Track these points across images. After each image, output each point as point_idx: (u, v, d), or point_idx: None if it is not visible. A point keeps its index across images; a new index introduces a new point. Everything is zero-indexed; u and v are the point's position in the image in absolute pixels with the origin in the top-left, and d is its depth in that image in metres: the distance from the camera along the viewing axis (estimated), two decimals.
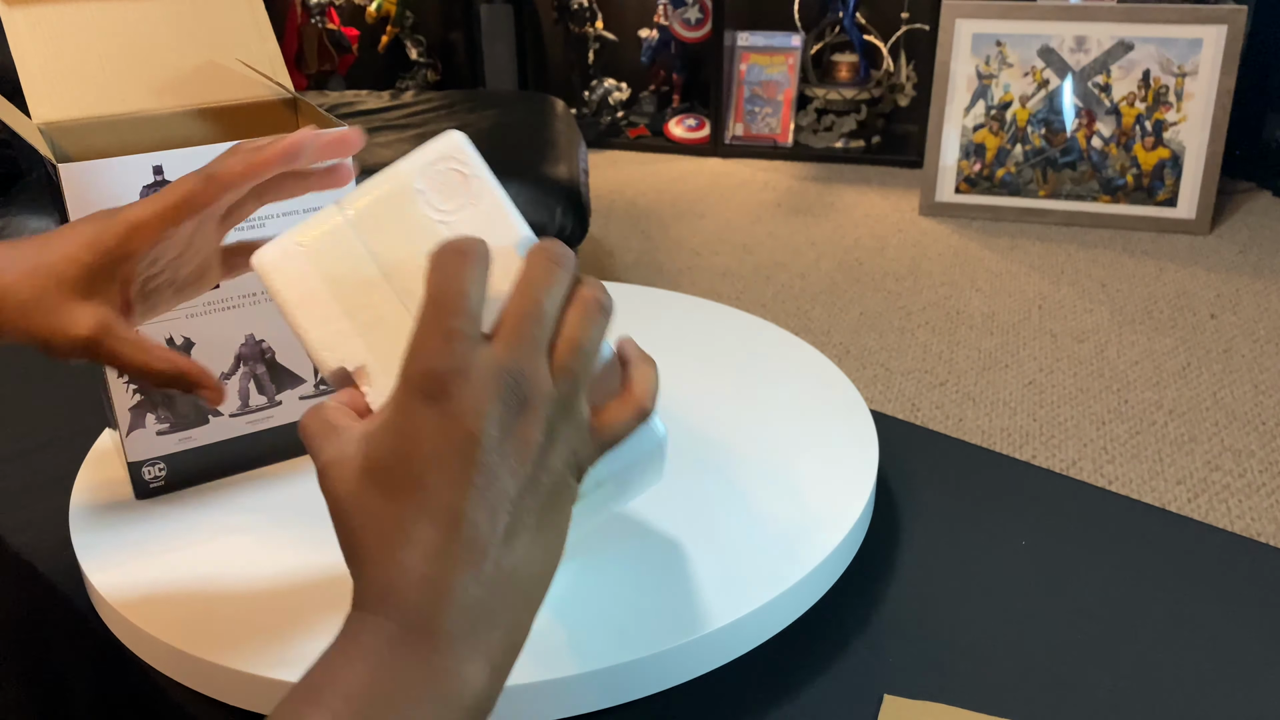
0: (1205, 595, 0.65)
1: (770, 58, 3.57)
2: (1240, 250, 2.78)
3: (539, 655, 0.56)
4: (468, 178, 0.48)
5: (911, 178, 3.33)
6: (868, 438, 0.74)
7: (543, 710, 0.56)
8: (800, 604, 0.62)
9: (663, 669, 0.57)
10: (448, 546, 0.35)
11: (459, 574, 0.35)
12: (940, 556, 0.69)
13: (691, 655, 0.58)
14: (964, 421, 2.05)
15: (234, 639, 0.57)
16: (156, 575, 0.63)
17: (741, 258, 2.79)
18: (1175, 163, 2.88)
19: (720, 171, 3.45)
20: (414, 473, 0.36)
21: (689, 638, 0.57)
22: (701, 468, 0.72)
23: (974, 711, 0.57)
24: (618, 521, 0.66)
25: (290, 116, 0.76)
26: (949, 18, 2.95)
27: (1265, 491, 1.83)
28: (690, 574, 0.62)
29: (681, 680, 0.58)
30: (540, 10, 3.86)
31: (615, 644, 0.57)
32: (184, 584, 0.62)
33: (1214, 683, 0.59)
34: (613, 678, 0.56)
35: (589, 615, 0.59)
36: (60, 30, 0.69)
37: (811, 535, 0.65)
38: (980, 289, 2.60)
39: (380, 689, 0.34)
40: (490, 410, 0.36)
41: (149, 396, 0.68)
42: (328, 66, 3.62)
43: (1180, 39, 2.82)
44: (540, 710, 0.56)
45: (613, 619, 0.59)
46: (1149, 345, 2.32)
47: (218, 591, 0.61)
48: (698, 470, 0.71)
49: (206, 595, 0.61)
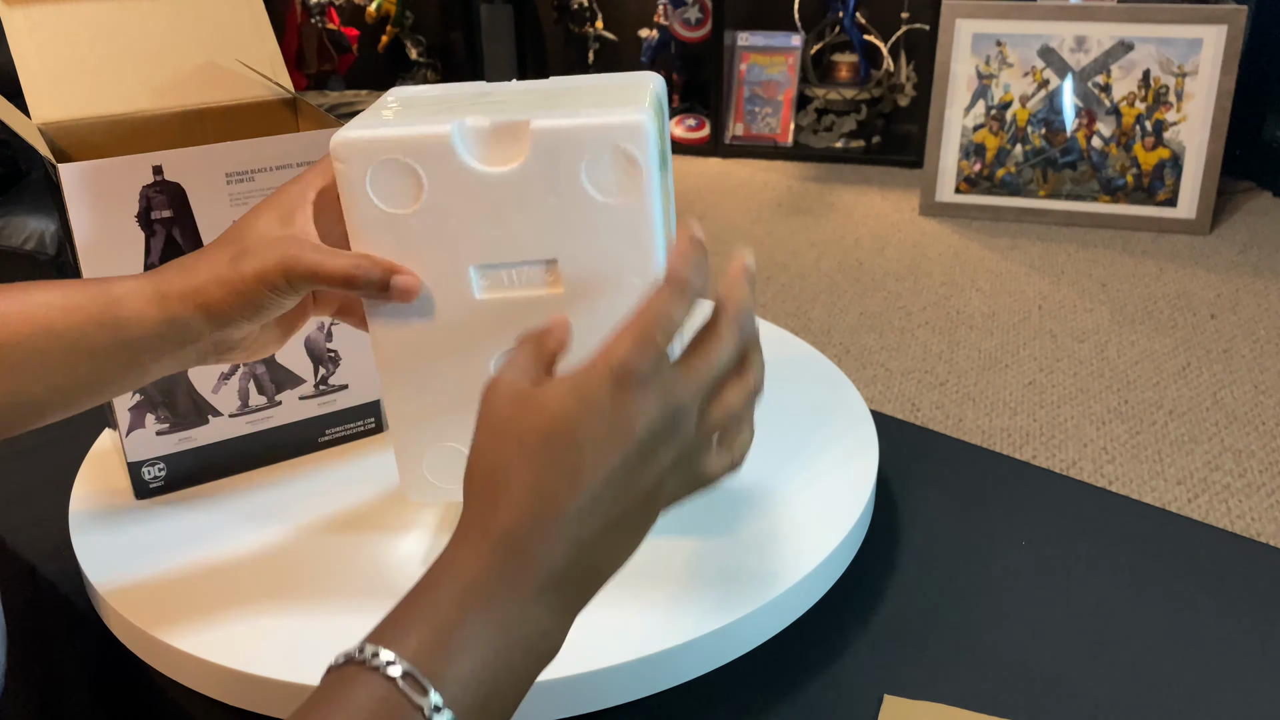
0: (1205, 595, 0.65)
1: (770, 58, 3.56)
2: (1240, 250, 2.78)
3: None
4: (636, 166, 0.51)
5: (911, 178, 3.33)
6: (868, 437, 0.74)
7: (543, 710, 0.56)
8: (800, 604, 0.62)
9: (663, 669, 0.57)
10: (568, 504, 0.41)
11: (568, 531, 0.41)
12: (940, 556, 0.69)
13: (691, 655, 0.58)
14: (964, 421, 2.05)
15: (234, 639, 0.58)
16: (156, 575, 0.63)
17: None
18: (1175, 163, 2.88)
19: (720, 171, 3.45)
20: (576, 438, 0.41)
21: (689, 637, 0.57)
22: None
23: (974, 712, 0.57)
24: None
25: (290, 116, 0.77)
26: (949, 18, 2.95)
27: (1265, 491, 1.83)
28: (690, 574, 0.62)
29: (681, 680, 0.58)
30: (540, 10, 3.86)
31: (615, 644, 0.57)
32: (184, 584, 0.62)
33: (1214, 683, 0.59)
34: (613, 678, 0.56)
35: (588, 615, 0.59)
36: (60, 30, 0.69)
37: (811, 535, 0.65)
38: (980, 289, 2.60)
39: (476, 614, 0.39)
40: (652, 423, 0.42)
41: (148, 396, 0.68)
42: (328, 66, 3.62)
43: (1180, 39, 2.82)
44: (540, 710, 0.56)
45: (612, 619, 0.58)
46: (1149, 345, 2.32)
47: (218, 591, 0.61)
48: None
49: (206, 595, 0.61)
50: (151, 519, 0.68)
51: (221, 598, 0.61)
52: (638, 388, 0.41)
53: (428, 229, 0.53)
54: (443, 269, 0.54)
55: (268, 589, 0.61)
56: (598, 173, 0.52)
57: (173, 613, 0.60)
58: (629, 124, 0.51)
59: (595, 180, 0.52)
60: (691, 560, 0.63)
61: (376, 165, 0.52)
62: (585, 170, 0.52)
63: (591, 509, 0.41)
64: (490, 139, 0.52)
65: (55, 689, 0.71)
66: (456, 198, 0.53)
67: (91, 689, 0.68)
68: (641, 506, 0.43)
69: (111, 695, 0.66)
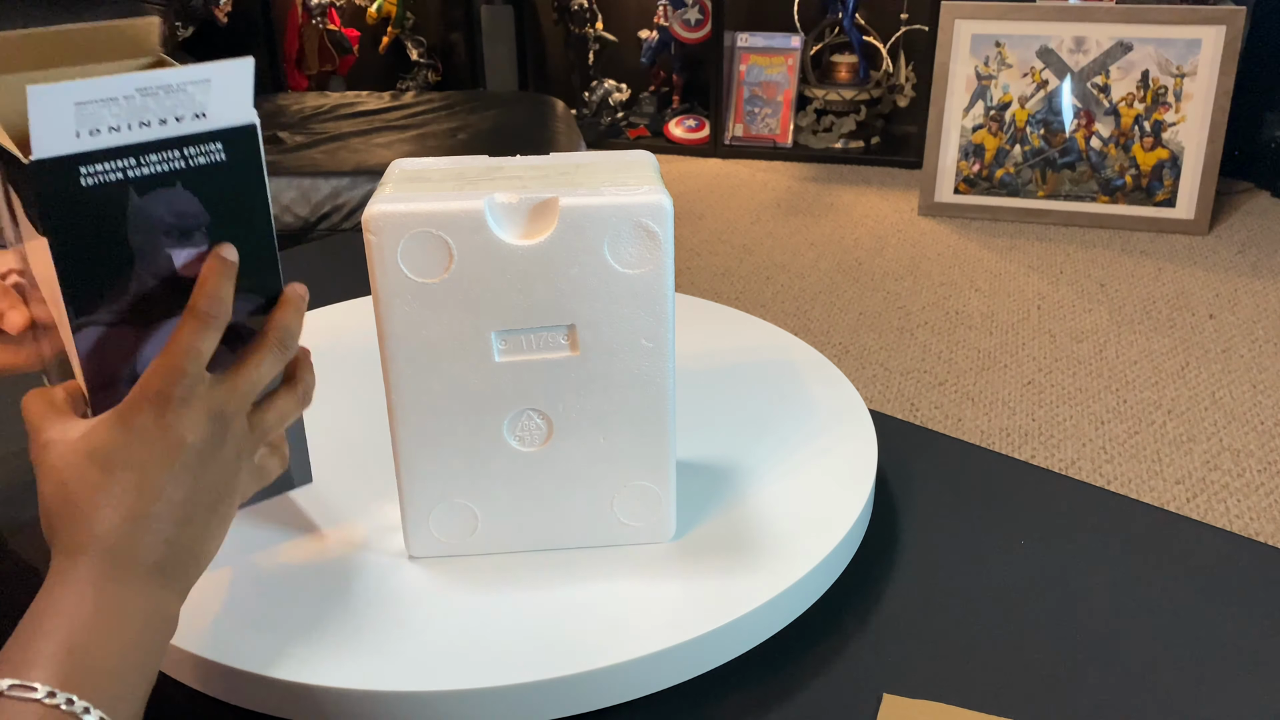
0: (1204, 595, 0.65)
1: (770, 58, 3.57)
2: (1239, 250, 2.79)
3: (538, 655, 0.56)
4: (656, 240, 0.56)
5: (911, 178, 3.33)
6: (867, 438, 0.74)
7: (542, 710, 0.56)
8: (800, 604, 0.63)
9: (663, 668, 0.57)
10: (147, 509, 0.48)
11: (153, 526, 0.48)
12: (939, 556, 0.69)
13: (691, 655, 0.58)
14: (963, 421, 2.05)
15: (234, 638, 0.58)
16: None
17: (741, 258, 2.80)
18: (1174, 163, 2.88)
19: (720, 172, 3.45)
20: (132, 458, 0.48)
21: (689, 637, 0.57)
22: (701, 467, 0.72)
23: (973, 711, 0.57)
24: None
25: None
26: (948, 18, 2.95)
27: (1264, 491, 1.83)
28: (690, 574, 0.62)
29: (682, 679, 0.58)
30: (540, 11, 3.86)
31: (615, 643, 0.57)
32: None
33: (1213, 682, 0.59)
34: (613, 677, 0.56)
35: (588, 615, 0.59)
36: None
37: (811, 535, 0.65)
38: (979, 289, 2.60)
39: (95, 611, 0.45)
40: (201, 430, 0.50)
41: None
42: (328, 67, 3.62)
43: (1179, 39, 2.82)
44: (540, 710, 0.56)
45: (612, 618, 0.59)
46: (1148, 345, 2.32)
47: (217, 591, 0.61)
48: (697, 470, 0.71)
49: (206, 595, 0.61)
50: None
51: (220, 596, 0.61)
52: (179, 406, 0.49)
53: (454, 297, 0.57)
54: (465, 334, 0.57)
55: (268, 589, 0.61)
56: (619, 246, 0.56)
57: None
58: (651, 203, 0.55)
59: (616, 253, 0.56)
60: (691, 560, 0.63)
61: (409, 237, 0.55)
62: (608, 243, 0.56)
63: (169, 510, 0.48)
64: (519, 214, 0.56)
65: None
66: (484, 268, 0.56)
67: None
68: (218, 499, 0.51)
69: None
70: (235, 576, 0.63)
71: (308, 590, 0.61)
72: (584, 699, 0.56)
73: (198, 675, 0.58)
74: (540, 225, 0.56)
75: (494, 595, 0.60)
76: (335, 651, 0.57)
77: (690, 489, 0.69)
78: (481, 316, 0.57)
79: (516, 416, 0.60)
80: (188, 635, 0.58)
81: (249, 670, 0.56)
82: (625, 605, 0.60)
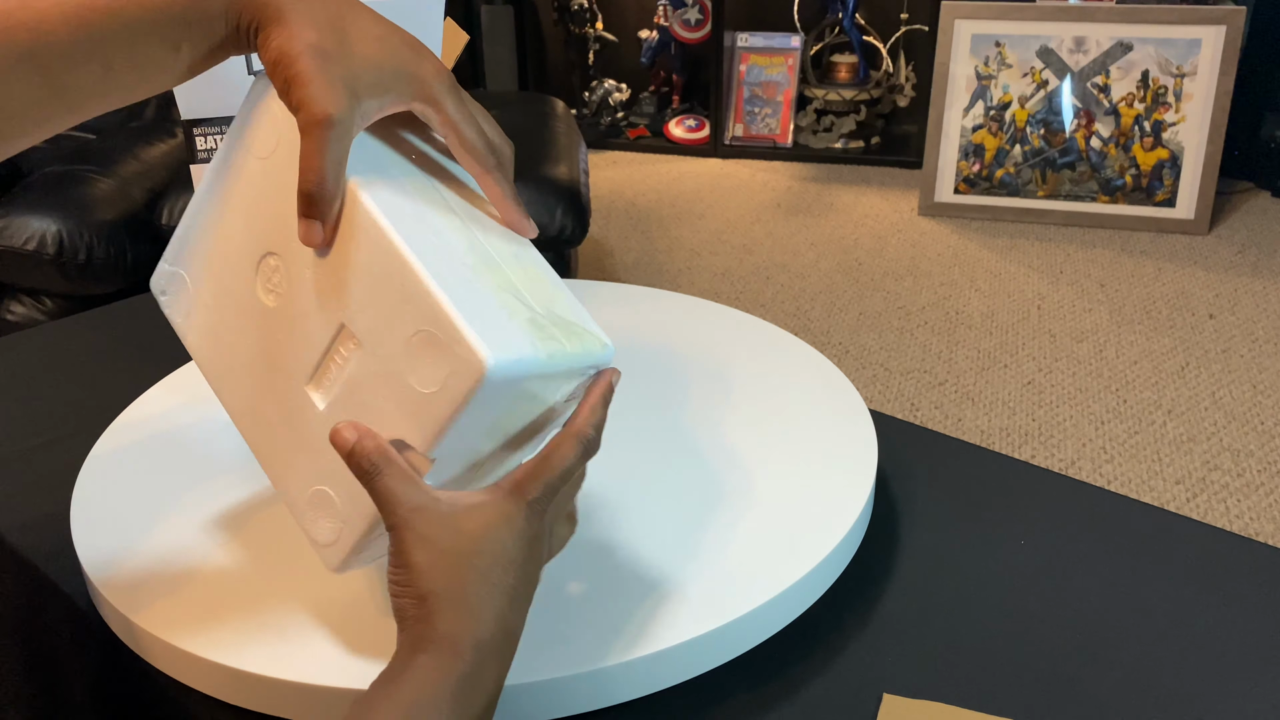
0: (1204, 594, 0.65)
1: (770, 58, 3.57)
2: (1239, 250, 2.79)
3: (539, 655, 0.56)
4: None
5: (911, 178, 3.33)
6: (867, 438, 0.74)
7: (542, 710, 0.56)
8: (800, 604, 0.63)
9: (662, 668, 0.57)
10: (510, 611, 0.50)
11: (510, 625, 0.50)
12: (940, 556, 0.69)
13: (691, 655, 0.58)
14: (963, 421, 2.05)
15: (234, 638, 0.58)
16: (157, 575, 0.63)
17: (741, 258, 2.80)
18: (1174, 163, 2.88)
19: (720, 172, 3.45)
20: (511, 558, 0.50)
21: (689, 637, 0.57)
22: (701, 467, 0.72)
23: (973, 711, 0.57)
24: (618, 521, 0.66)
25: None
26: (948, 18, 2.95)
27: (1264, 491, 1.83)
28: (690, 573, 0.62)
29: (681, 680, 0.58)
30: (540, 11, 3.86)
31: (615, 643, 0.57)
32: (184, 583, 0.62)
33: (1213, 682, 0.59)
34: (612, 677, 0.56)
35: (588, 615, 0.59)
36: None
37: (811, 535, 0.65)
38: (979, 289, 2.60)
39: (453, 702, 0.47)
40: (540, 531, 0.52)
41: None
42: None
43: (1179, 39, 2.82)
44: (540, 710, 0.56)
45: (612, 619, 0.59)
46: (1148, 345, 2.32)
47: (218, 591, 0.61)
48: (697, 470, 0.71)
49: (206, 594, 0.61)
50: (152, 519, 0.68)
51: (221, 597, 0.61)
52: (539, 514, 0.51)
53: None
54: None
55: (268, 589, 0.62)
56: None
57: (173, 612, 0.60)
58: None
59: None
60: (692, 559, 0.63)
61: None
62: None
63: (513, 601, 0.51)
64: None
65: (56, 688, 0.71)
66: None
67: (92, 688, 0.68)
68: (535, 581, 0.53)
69: (112, 694, 0.66)
70: (236, 578, 0.63)
71: (308, 591, 0.61)
72: (584, 699, 0.56)
73: (201, 677, 0.58)
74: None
75: None
76: (336, 652, 0.57)
77: (690, 488, 0.69)
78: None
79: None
80: (192, 638, 0.58)
81: (249, 670, 0.56)
82: (625, 605, 0.60)
